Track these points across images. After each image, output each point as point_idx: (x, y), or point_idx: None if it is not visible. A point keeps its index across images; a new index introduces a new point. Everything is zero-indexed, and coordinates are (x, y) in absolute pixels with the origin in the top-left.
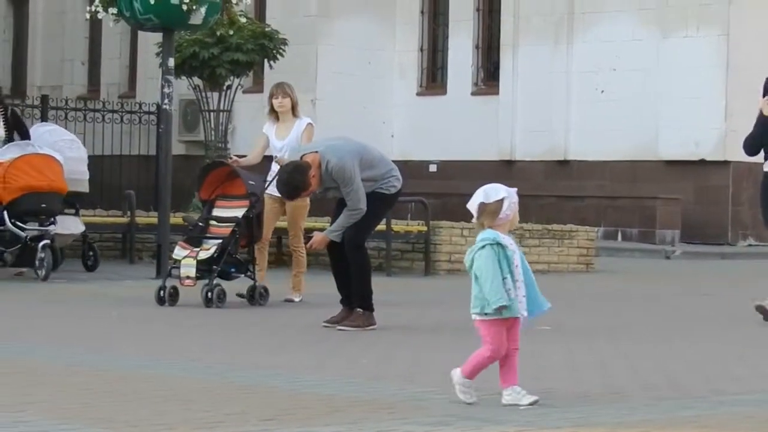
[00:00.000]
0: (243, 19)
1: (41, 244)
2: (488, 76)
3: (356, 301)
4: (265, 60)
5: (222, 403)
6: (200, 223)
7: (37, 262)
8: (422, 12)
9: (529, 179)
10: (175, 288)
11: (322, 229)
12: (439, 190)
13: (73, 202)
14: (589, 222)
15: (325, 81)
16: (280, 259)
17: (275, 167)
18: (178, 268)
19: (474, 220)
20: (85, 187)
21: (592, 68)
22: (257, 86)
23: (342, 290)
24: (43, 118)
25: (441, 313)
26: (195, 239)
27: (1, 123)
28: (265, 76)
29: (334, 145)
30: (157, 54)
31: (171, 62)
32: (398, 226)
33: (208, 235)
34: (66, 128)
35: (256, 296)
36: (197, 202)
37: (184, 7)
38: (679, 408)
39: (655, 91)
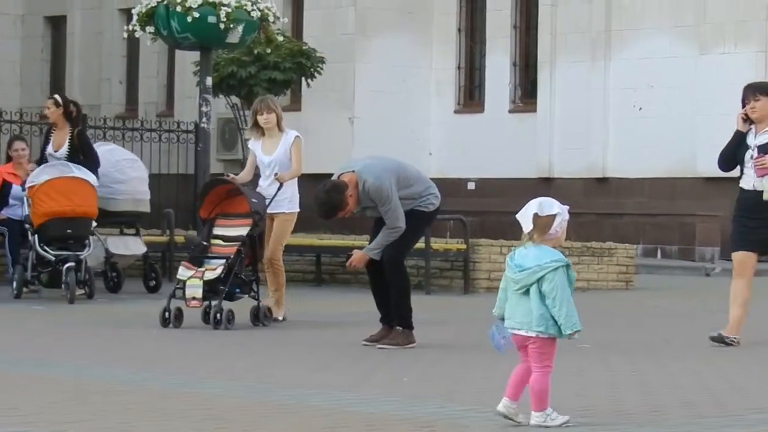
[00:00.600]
0: (280, 38)
1: (65, 267)
2: (526, 94)
3: (396, 319)
4: (303, 78)
5: (261, 422)
6: (204, 243)
7: (63, 286)
8: (459, 30)
9: (568, 197)
10: (180, 309)
11: (361, 248)
12: (478, 208)
13: (134, 222)
14: (629, 239)
15: (363, 99)
16: (320, 277)
17: (263, 183)
18: (183, 288)
19: (525, 230)
20: (146, 207)
21: (630, 85)
22: (295, 105)
23: (381, 308)
24: None
25: (480, 331)
26: (197, 259)
27: (66, 143)
28: (302, 95)
29: (370, 164)
30: (195, 73)
31: (209, 81)
32: (437, 244)
33: (210, 254)
34: None
35: (260, 317)
36: None
37: (222, 26)
38: (719, 426)
39: (693, 108)
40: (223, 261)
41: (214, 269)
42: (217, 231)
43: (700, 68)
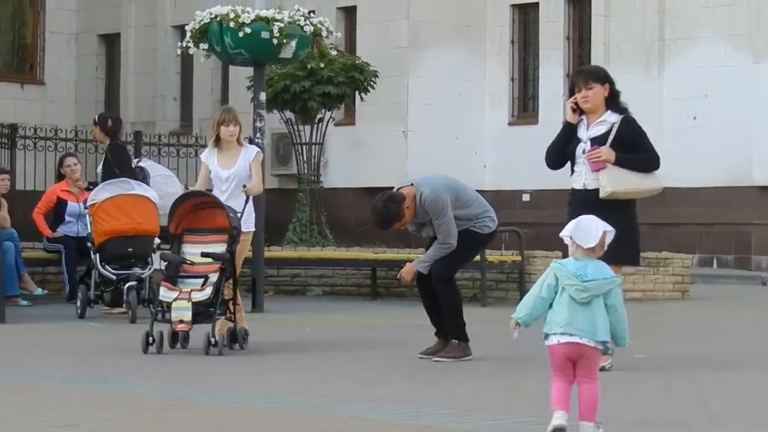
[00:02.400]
0: (334, 52)
1: (126, 286)
2: None
3: (451, 332)
4: (356, 92)
5: None
6: (186, 261)
7: (124, 305)
8: (512, 42)
9: None
10: (162, 333)
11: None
12: (533, 220)
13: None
14: (684, 249)
15: (416, 112)
16: (376, 290)
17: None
18: (168, 311)
19: (584, 245)
20: None
21: (684, 95)
22: (349, 119)
23: (435, 322)
24: (137, 154)
25: (536, 342)
26: (173, 278)
27: (103, 159)
28: (356, 108)
29: (429, 177)
30: (249, 88)
31: (262, 96)
32: (492, 256)
33: (183, 273)
34: (159, 163)
35: (239, 339)
36: (291, 235)
37: (275, 41)
38: None
39: (748, 116)
40: (201, 280)
41: (201, 289)
42: (187, 248)
43: (755, 76)
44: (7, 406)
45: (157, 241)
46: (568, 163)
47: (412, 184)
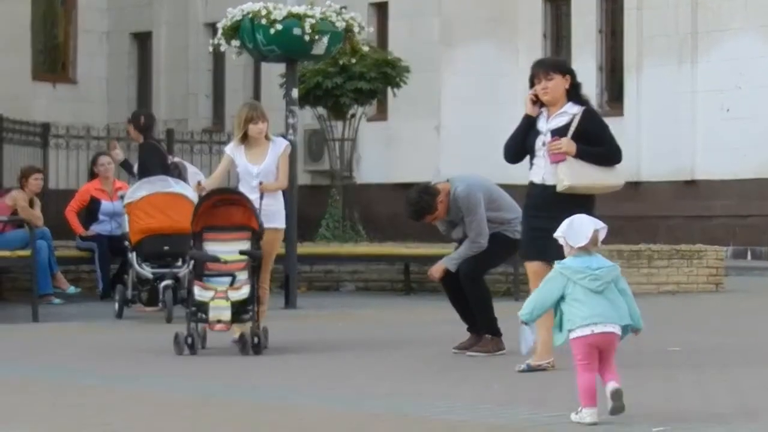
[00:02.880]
0: (365, 48)
1: (162, 285)
2: (612, 98)
3: (483, 327)
4: (389, 88)
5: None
6: (218, 258)
7: (159, 304)
8: (545, 36)
9: (656, 200)
10: (197, 333)
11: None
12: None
13: None
14: (718, 241)
15: (449, 108)
16: (409, 286)
17: (251, 197)
18: (204, 311)
19: (575, 245)
20: None
21: (717, 87)
22: (381, 114)
23: (465, 319)
24: (169, 152)
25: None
26: (201, 277)
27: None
28: (388, 104)
29: (464, 175)
30: (281, 85)
31: (294, 93)
32: None
33: (209, 272)
34: (192, 161)
35: (261, 341)
36: (324, 231)
37: (307, 38)
38: None
39: None
40: (229, 279)
41: (238, 288)
42: (209, 246)
43: None
44: (46, 405)
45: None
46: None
47: (447, 181)
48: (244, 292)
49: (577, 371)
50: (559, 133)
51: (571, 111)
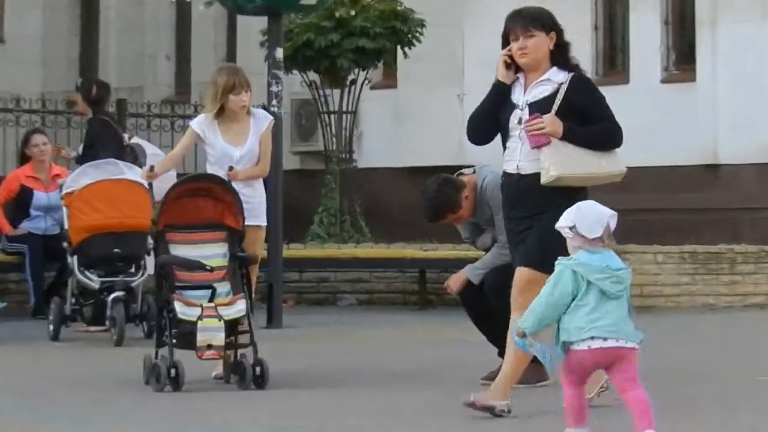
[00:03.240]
0: None
1: (111, 298)
2: (682, 59)
3: None
4: (398, 47)
5: None
6: (206, 267)
7: (107, 323)
8: None
9: (739, 187)
10: (177, 364)
11: (476, 260)
12: (624, 205)
13: None
14: None
15: (474, 70)
16: (426, 298)
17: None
18: (189, 333)
19: (590, 236)
20: None
21: None
22: (389, 80)
23: (494, 341)
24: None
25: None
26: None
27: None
28: (398, 68)
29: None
30: (262, 44)
31: (279, 53)
32: None
33: (179, 283)
34: (149, 140)
35: (265, 371)
36: (316, 229)
37: None
38: None
39: None
40: (208, 292)
41: (231, 304)
42: (176, 250)
43: None
44: None
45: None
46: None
47: (474, 172)
48: (239, 308)
49: (564, 383)
50: (540, 107)
51: (556, 79)
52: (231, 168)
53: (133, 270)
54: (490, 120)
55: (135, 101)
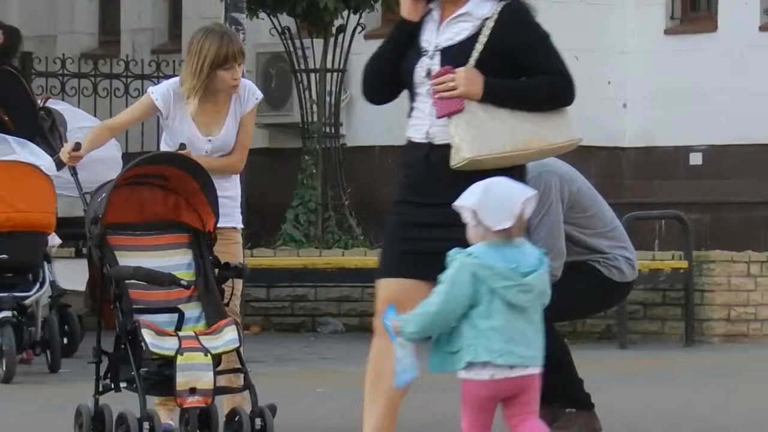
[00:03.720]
0: None
1: None
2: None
3: (560, 398)
4: None
5: None
6: (182, 281)
7: None
8: None
9: None
10: (153, 415)
11: None
12: (708, 197)
13: None
14: None
15: None
16: None
17: None
18: (167, 372)
19: (496, 227)
20: None
21: None
22: (389, 27)
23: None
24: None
25: (711, 407)
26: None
27: None
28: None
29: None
30: None
31: None
32: (637, 261)
33: (135, 305)
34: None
35: (268, 424)
36: (290, 229)
37: None
38: None
39: None
40: (174, 315)
41: (212, 332)
42: (124, 260)
43: None
44: None
45: (55, 240)
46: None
47: None
48: (229, 338)
49: (467, 420)
50: (455, 55)
51: (479, 12)
52: (183, 146)
53: (24, 283)
54: (390, 71)
55: (45, 55)
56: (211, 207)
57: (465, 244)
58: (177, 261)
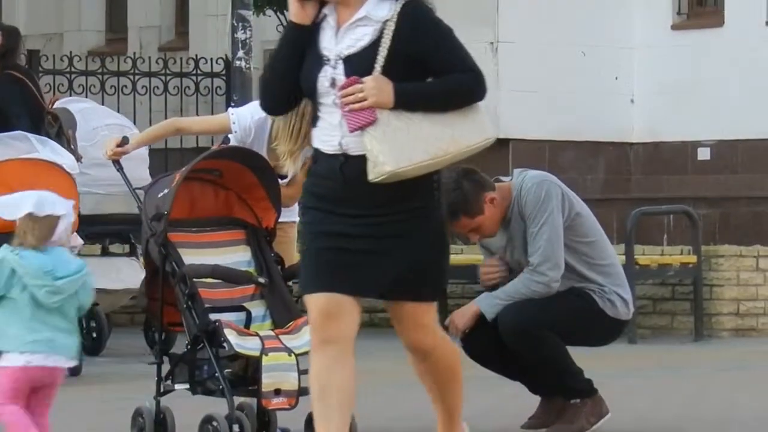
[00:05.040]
0: None
1: None
2: None
3: (564, 391)
4: None
5: None
6: (261, 278)
7: None
8: None
9: None
10: (242, 420)
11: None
12: (716, 192)
13: (127, 233)
14: None
15: (514, 10)
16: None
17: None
18: (252, 373)
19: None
20: None
21: None
22: None
23: (526, 383)
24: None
25: (720, 401)
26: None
27: None
28: None
29: (537, 173)
30: None
31: None
32: (646, 257)
33: (208, 305)
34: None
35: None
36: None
37: None
38: None
39: None
40: (242, 314)
41: (291, 332)
42: (186, 257)
43: None
44: None
45: (77, 241)
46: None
47: (510, 181)
48: (303, 337)
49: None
50: (360, 63)
51: (378, 14)
52: (227, 139)
53: None
54: (285, 79)
55: (52, 53)
56: (272, 202)
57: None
58: (238, 258)
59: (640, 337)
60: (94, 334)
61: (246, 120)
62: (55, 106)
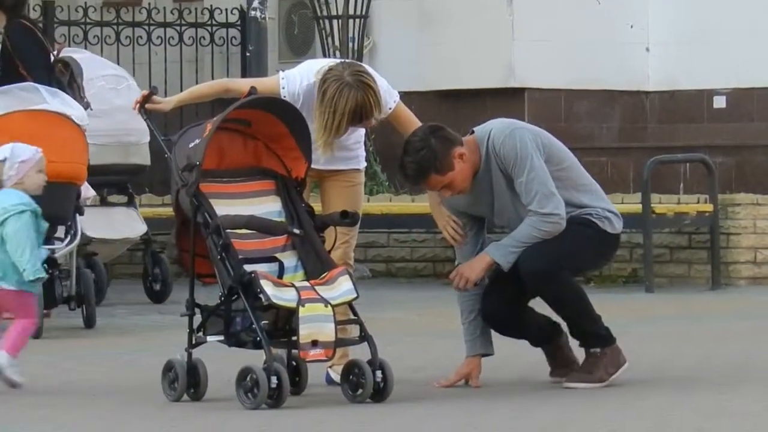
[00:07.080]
0: None
1: None
2: None
3: (586, 339)
4: None
5: None
6: (295, 228)
7: None
8: None
9: None
10: (279, 371)
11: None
12: (732, 140)
13: (125, 183)
14: None
15: None
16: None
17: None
18: (287, 324)
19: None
20: (144, 158)
21: None
22: None
23: (534, 341)
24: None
25: (738, 350)
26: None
27: None
28: None
29: (509, 120)
30: None
31: None
32: (662, 205)
33: (231, 258)
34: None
35: (389, 378)
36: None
37: None
38: None
39: None
40: (275, 264)
41: (326, 283)
42: (217, 208)
43: None
44: None
45: (89, 192)
46: None
47: (473, 133)
48: (345, 288)
49: None
50: None
51: None
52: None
53: (57, 234)
54: None
55: (67, 4)
56: (302, 152)
57: None
58: (268, 208)
59: (657, 285)
60: (158, 283)
61: (295, 85)
62: (60, 56)
